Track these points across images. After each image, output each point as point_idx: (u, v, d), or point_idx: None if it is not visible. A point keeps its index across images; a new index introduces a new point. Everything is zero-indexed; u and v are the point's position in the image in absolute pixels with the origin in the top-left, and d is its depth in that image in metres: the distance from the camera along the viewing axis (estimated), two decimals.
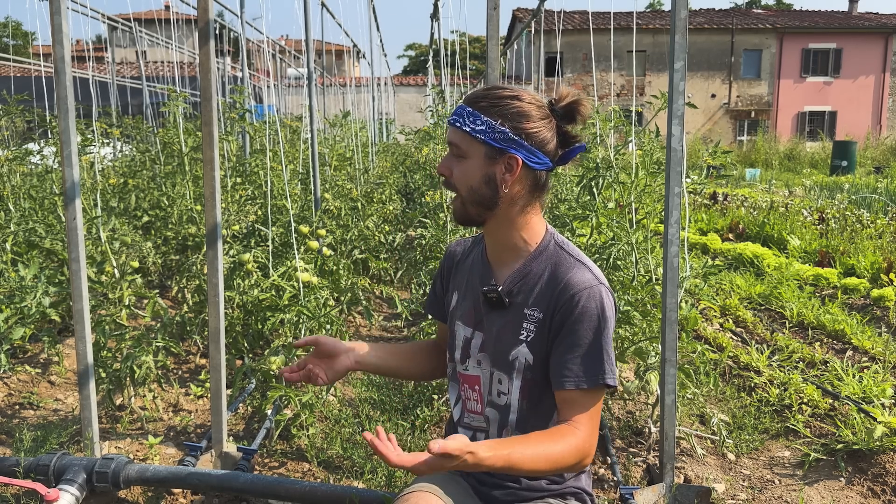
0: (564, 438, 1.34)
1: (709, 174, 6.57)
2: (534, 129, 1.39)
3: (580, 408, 1.37)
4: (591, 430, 1.37)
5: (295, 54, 15.20)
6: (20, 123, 6.54)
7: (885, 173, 16.65)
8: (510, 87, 1.44)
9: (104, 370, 2.80)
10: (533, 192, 1.44)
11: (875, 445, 2.62)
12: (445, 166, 1.45)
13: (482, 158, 1.40)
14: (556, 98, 1.44)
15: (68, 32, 2.23)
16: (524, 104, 1.39)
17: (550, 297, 1.41)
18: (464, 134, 1.40)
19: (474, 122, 1.39)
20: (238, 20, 6.30)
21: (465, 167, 1.42)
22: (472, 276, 1.55)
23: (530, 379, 1.44)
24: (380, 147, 11.15)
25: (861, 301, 4.98)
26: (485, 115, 1.39)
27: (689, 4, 2.12)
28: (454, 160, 1.44)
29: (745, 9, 34.81)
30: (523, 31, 7.65)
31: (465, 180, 1.43)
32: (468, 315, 1.53)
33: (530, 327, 1.43)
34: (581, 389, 1.36)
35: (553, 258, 1.45)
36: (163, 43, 10.27)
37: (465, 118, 1.40)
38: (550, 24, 15.58)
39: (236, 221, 4.41)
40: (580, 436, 1.35)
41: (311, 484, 2.16)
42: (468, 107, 1.41)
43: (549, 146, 1.41)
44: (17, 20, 46.05)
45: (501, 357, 1.46)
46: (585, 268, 1.42)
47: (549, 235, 1.48)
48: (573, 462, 1.34)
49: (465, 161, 1.42)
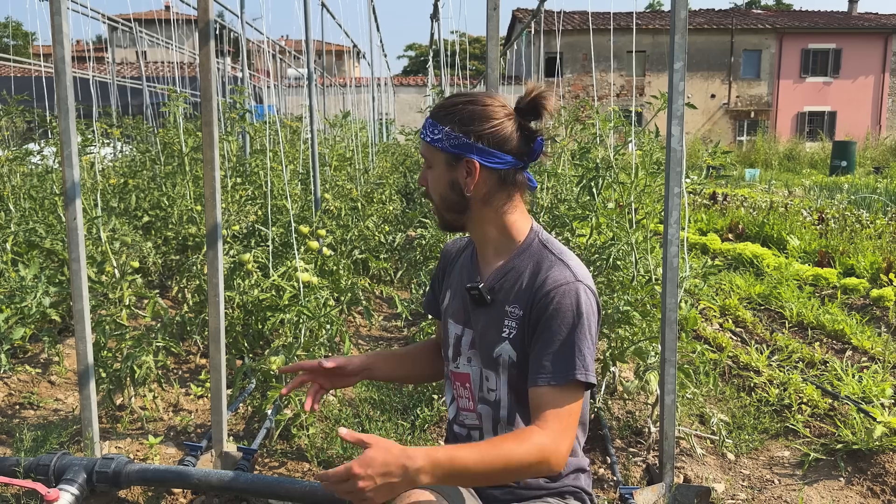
0: (528, 438, 1.27)
1: (708, 174, 6.58)
2: (488, 130, 1.40)
3: (551, 406, 1.32)
4: (560, 430, 1.29)
5: (295, 54, 15.20)
6: (20, 123, 6.54)
7: (885, 173, 16.65)
8: (472, 92, 1.48)
9: (104, 370, 2.80)
10: (502, 190, 1.45)
11: (874, 445, 2.62)
12: (423, 178, 1.51)
13: (444, 165, 1.45)
14: (522, 95, 1.45)
15: (68, 33, 2.23)
16: (478, 107, 1.41)
17: (529, 295, 1.41)
18: (427, 145, 1.46)
19: (433, 131, 1.44)
20: (238, 20, 6.31)
21: (434, 176, 1.47)
22: (462, 275, 1.57)
23: (516, 374, 1.45)
24: (380, 147, 11.15)
25: (861, 301, 4.99)
26: (441, 124, 1.43)
27: (689, 5, 2.13)
28: (427, 171, 1.50)
29: (745, 9, 34.80)
30: (523, 32, 7.64)
31: (436, 188, 1.48)
32: (458, 313, 1.55)
33: (511, 324, 1.43)
34: (551, 386, 1.32)
35: (535, 256, 1.45)
36: (163, 43, 10.27)
37: (428, 129, 1.46)
38: (550, 25, 15.58)
39: (236, 221, 4.41)
40: (547, 435, 1.28)
41: (311, 484, 2.17)
42: (430, 118, 1.46)
43: (509, 144, 1.42)
44: (17, 20, 46.05)
45: (487, 354, 1.48)
46: (565, 266, 1.41)
47: (533, 234, 1.49)
48: (534, 461, 1.25)
49: (433, 171, 1.47)
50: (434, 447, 1.24)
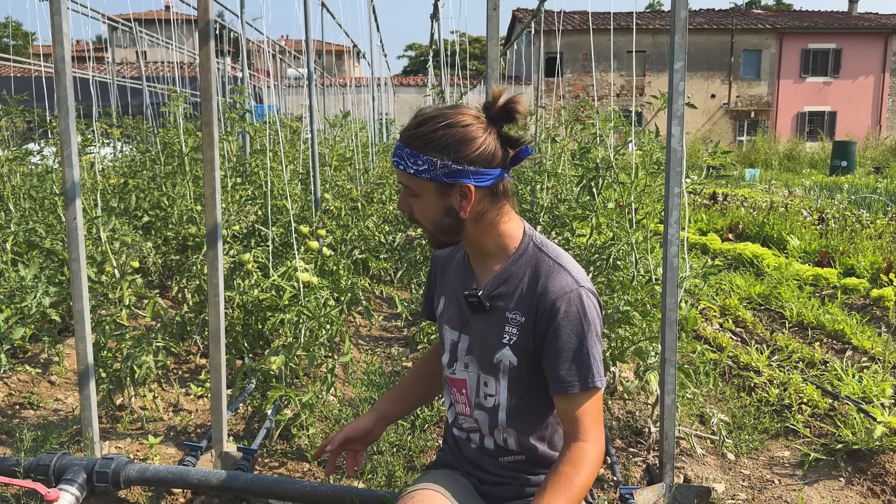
0: (581, 458, 1.35)
1: (708, 174, 6.57)
2: (476, 152, 1.35)
3: (578, 411, 1.39)
4: (596, 431, 1.39)
5: (295, 54, 15.20)
6: (20, 123, 6.54)
7: (885, 173, 16.65)
8: (441, 113, 1.38)
9: (104, 370, 2.80)
10: (494, 203, 1.43)
11: (875, 445, 2.62)
12: (405, 203, 1.45)
13: (435, 194, 1.39)
14: (489, 101, 1.40)
15: (68, 33, 2.23)
16: (458, 129, 1.34)
17: (531, 303, 1.41)
18: (409, 175, 1.39)
19: (415, 162, 1.37)
20: (238, 20, 6.30)
21: (422, 204, 1.42)
22: (456, 281, 1.56)
23: (516, 378, 1.45)
24: (380, 147, 11.15)
25: (861, 301, 4.98)
26: (423, 154, 1.36)
27: (689, 4, 2.13)
28: (410, 198, 1.44)
29: (745, 9, 34.81)
30: (523, 32, 7.64)
31: (426, 216, 1.43)
32: (454, 319, 1.55)
33: (513, 330, 1.43)
34: (572, 395, 1.38)
35: (533, 261, 1.45)
36: (163, 43, 10.27)
37: (406, 160, 1.38)
38: (550, 25, 15.58)
39: (236, 221, 4.41)
40: (589, 441, 1.37)
41: (312, 484, 2.17)
42: (406, 147, 1.38)
43: (496, 158, 1.38)
44: (17, 20, 46.08)
45: (487, 359, 1.47)
46: (565, 271, 1.42)
47: (527, 238, 1.48)
48: (592, 474, 1.36)
49: (420, 199, 1.41)
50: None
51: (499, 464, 1.52)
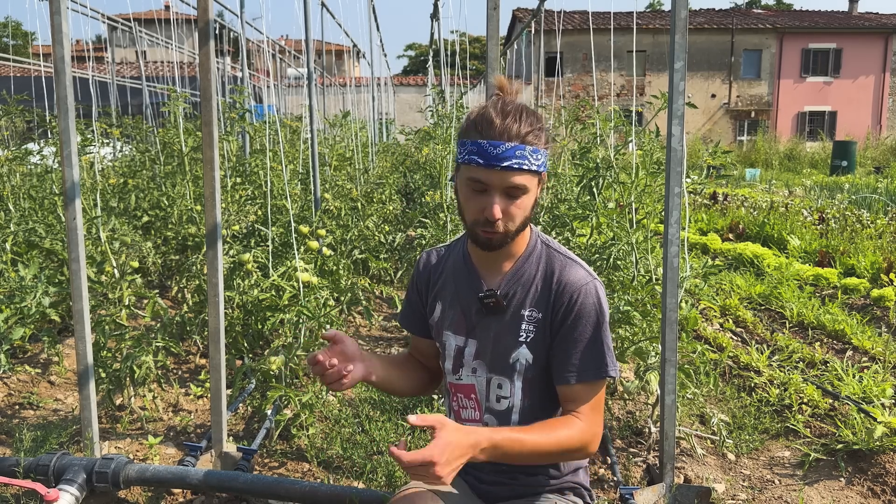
0: (574, 424, 1.37)
1: (709, 174, 6.56)
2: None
3: (583, 401, 1.39)
4: (595, 419, 1.40)
5: (295, 54, 15.19)
6: (20, 123, 6.54)
7: (885, 173, 16.65)
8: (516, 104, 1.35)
9: (104, 370, 2.80)
10: None
11: (875, 445, 2.62)
12: (499, 211, 1.33)
13: (536, 186, 1.38)
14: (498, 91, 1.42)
15: (68, 32, 2.23)
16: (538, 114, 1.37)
17: (549, 298, 1.42)
18: (531, 174, 1.33)
19: (537, 157, 1.33)
20: (238, 20, 6.30)
21: (526, 202, 1.36)
22: (458, 284, 1.52)
23: (531, 378, 1.45)
24: (380, 147, 11.15)
25: (861, 301, 4.98)
26: (540, 147, 1.34)
27: (689, 4, 2.12)
28: (508, 201, 1.34)
29: (745, 9, 34.79)
30: (523, 31, 7.64)
31: (522, 214, 1.37)
32: (458, 324, 1.51)
33: (529, 328, 1.43)
34: (583, 383, 1.39)
35: (543, 257, 1.46)
36: (163, 43, 10.27)
37: (529, 157, 1.31)
38: (550, 24, 15.58)
39: (236, 221, 4.41)
40: (585, 422, 1.38)
41: (312, 484, 2.17)
42: (522, 144, 1.30)
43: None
44: (17, 20, 46.06)
45: (501, 361, 1.46)
46: (578, 265, 1.44)
47: (534, 235, 1.49)
48: (577, 446, 1.36)
49: (527, 196, 1.36)
50: (495, 428, 1.32)
51: (499, 465, 1.51)
